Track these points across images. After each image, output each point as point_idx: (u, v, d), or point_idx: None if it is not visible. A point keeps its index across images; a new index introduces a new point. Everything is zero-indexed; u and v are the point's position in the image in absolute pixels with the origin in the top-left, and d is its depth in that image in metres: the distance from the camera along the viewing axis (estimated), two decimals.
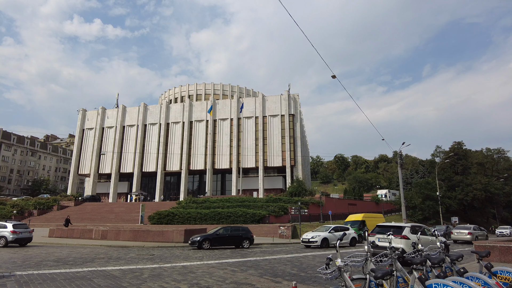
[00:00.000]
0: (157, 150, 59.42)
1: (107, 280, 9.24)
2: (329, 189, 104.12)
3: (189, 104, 60.86)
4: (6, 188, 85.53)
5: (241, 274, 10.21)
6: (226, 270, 11.14)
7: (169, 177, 61.66)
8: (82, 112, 65.31)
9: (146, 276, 9.88)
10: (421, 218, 54.64)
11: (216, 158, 56.84)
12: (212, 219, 33.69)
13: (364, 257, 5.22)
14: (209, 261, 13.62)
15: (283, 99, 56.57)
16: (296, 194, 44.28)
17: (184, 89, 73.61)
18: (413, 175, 75.83)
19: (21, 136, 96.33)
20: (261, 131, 55.92)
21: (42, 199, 50.72)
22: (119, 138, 61.73)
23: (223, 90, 71.86)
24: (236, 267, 11.90)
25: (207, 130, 58.54)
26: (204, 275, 10.06)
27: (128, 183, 62.12)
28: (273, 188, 55.11)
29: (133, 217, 39.29)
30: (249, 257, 15.15)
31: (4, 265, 12.24)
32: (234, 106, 58.44)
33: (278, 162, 54.05)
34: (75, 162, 63.60)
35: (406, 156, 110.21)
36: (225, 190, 58.50)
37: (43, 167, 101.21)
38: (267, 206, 36.11)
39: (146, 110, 62.43)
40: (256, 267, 12.00)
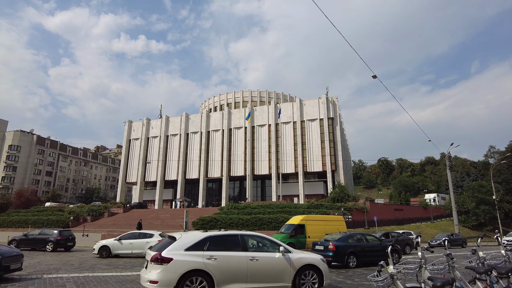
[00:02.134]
0: (199, 158, 61.16)
1: None
2: (373, 194, 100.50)
3: (228, 112, 62.10)
4: (64, 196, 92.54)
5: None
6: None
7: (210, 183, 63.10)
8: (128, 124, 69.10)
9: None
10: (475, 224, 50.94)
11: (255, 164, 57.28)
12: (254, 224, 33.88)
13: (418, 264, 4.97)
14: None
15: (321, 102, 55.85)
16: (339, 199, 43.24)
17: (223, 97, 75.31)
18: (464, 177, 71.06)
19: (75, 148, 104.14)
20: (300, 136, 55.52)
21: (94, 206, 54.07)
22: (163, 147, 64.40)
23: (260, 97, 72.50)
24: None
25: (245, 136, 59.29)
26: None
27: (172, 190, 64.44)
28: (314, 193, 54.29)
29: (178, 223, 40.55)
30: None
31: (63, 267, 13.21)
32: (271, 112, 58.70)
33: (318, 167, 53.26)
34: (123, 171, 67.27)
35: (455, 157, 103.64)
36: (265, 196, 58.66)
37: (95, 176, 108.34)
38: (308, 212, 35.57)
39: (187, 120, 64.63)
40: None
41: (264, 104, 66.27)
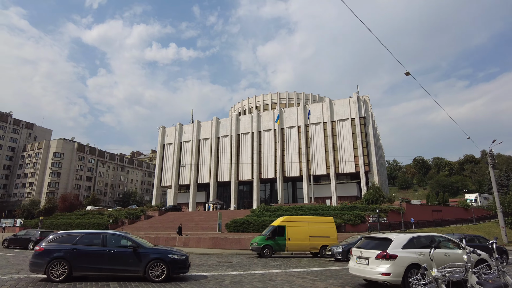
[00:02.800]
0: (230, 161, 61.97)
1: (193, 285, 9.95)
2: (409, 194, 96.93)
3: (257, 115, 62.47)
4: (103, 200, 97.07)
5: (321, 284, 10.14)
6: (305, 279, 11.15)
7: (242, 186, 63.66)
8: (162, 129, 71.40)
9: (227, 282, 10.38)
10: None
11: (286, 166, 57.11)
12: None
13: (464, 268, 4.78)
14: (287, 269, 13.76)
15: (352, 102, 54.73)
16: (373, 201, 42.08)
17: (251, 101, 75.86)
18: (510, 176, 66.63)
19: (112, 154, 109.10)
20: (331, 136, 54.71)
21: (131, 210, 56.28)
22: (195, 151, 65.91)
23: (289, 98, 72.25)
24: (315, 276, 11.84)
25: (275, 139, 59.31)
26: (283, 283, 10.22)
27: (205, 192, 65.71)
28: (347, 195, 53.22)
29: (211, 225, 41.30)
30: (328, 267, 14.89)
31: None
32: (300, 113, 58.34)
33: (350, 168, 52.18)
34: (157, 175, 69.55)
35: (498, 155, 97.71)
36: (296, 198, 58.30)
37: (131, 180, 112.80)
38: (342, 215, 35.00)
39: (218, 124, 65.75)
40: (336, 276, 11.78)
41: (293, 106, 65.97)
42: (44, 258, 10.06)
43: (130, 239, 11.02)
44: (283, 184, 57.23)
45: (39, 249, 10.33)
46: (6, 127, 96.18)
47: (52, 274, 9.94)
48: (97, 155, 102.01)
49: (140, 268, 10.37)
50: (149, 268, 10.35)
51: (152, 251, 10.74)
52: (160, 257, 10.49)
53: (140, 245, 10.79)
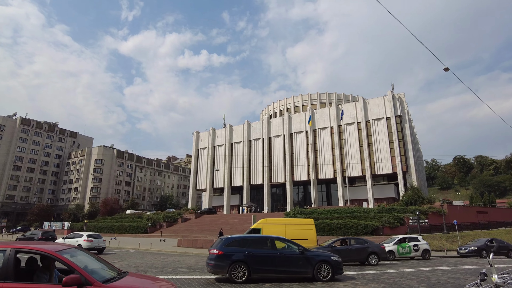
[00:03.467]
0: (262, 164, 62.25)
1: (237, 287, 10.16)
2: (450, 195, 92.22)
3: (288, 117, 62.31)
4: (141, 204, 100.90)
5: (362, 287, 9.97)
6: (346, 282, 11.02)
7: (274, 188, 63.70)
8: (196, 134, 73.18)
9: (267, 285, 10.49)
10: None
11: (319, 168, 56.43)
12: (322, 230, 33.34)
13: None
14: None
15: (387, 100, 53.12)
16: (412, 202, 40.52)
17: (282, 103, 75.81)
18: None
19: (149, 159, 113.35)
20: (365, 136, 53.39)
21: (169, 213, 58.04)
22: (228, 154, 66.89)
23: (320, 99, 71.42)
24: (355, 280, 11.66)
25: (307, 140, 58.82)
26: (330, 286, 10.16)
27: (239, 195, 66.43)
28: (384, 197, 51.63)
29: (246, 227, 41.57)
30: (368, 270, 14.59)
31: (149, 270, 14.48)
32: (333, 114, 57.46)
33: (387, 169, 50.61)
34: (192, 178, 71.27)
35: None
36: (331, 200, 57.39)
37: (168, 184, 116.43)
38: (379, 217, 34.02)
39: (249, 127, 66.33)
40: (377, 280, 11.53)
41: (324, 107, 65.13)
42: (225, 261, 10.91)
43: (294, 244, 11.95)
44: (316, 187, 56.56)
45: (218, 253, 11.08)
46: (53, 136, 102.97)
47: (234, 276, 10.75)
48: (135, 161, 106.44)
49: (309, 269, 11.21)
50: (317, 269, 11.20)
51: (318, 254, 11.65)
52: (325, 259, 11.38)
53: (305, 249, 11.70)
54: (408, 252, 21.15)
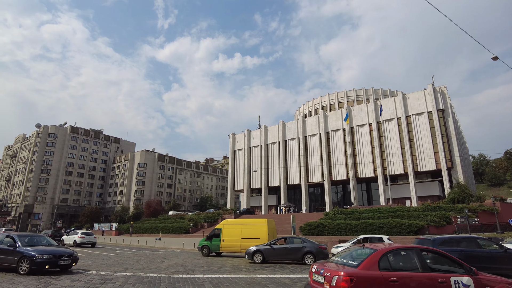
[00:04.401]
0: (298, 163, 61.98)
1: (281, 287, 10.34)
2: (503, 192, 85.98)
3: (324, 115, 61.50)
4: (182, 205, 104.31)
5: None
6: None
7: (312, 188, 63.15)
8: (232, 136, 74.44)
9: None
10: None
11: (358, 167, 55.17)
12: (364, 230, 32.74)
13: None
14: None
15: (428, 94, 50.80)
16: (459, 200, 38.46)
17: (317, 101, 74.95)
18: None
19: (189, 162, 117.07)
20: (406, 132, 51.43)
21: (209, 214, 59.57)
22: (264, 155, 67.33)
23: (357, 96, 69.72)
24: None
25: (344, 138, 57.72)
26: None
27: (276, 196, 66.64)
28: (428, 195, 49.38)
29: (285, 228, 41.77)
30: None
31: (196, 269, 15.08)
32: (371, 110, 55.92)
33: (430, 165, 48.40)
34: (230, 180, 72.57)
35: None
36: (371, 199, 55.88)
37: (207, 186, 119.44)
38: (424, 216, 32.70)
39: (284, 127, 66.32)
40: None
41: (361, 103, 63.50)
42: None
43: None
44: (356, 186, 55.33)
45: None
46: (99, 143, 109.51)
47: None
48: (175, 164, 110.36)
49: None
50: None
51: None
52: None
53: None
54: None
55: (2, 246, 12.44)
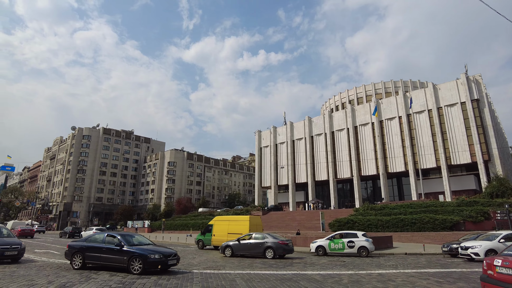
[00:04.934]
0: (326, 159, 61.28)
1: (312, 283, 10.40)
2: None
3: (351, 109, 60.36)
4: (211, 202, 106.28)
5: (449, 286, 9.57)
6: (429, 280, 10.67)
7: (340, 184, 62.29)
8: (258, 133, 74.75)
9: (345, 281, 10.58)
10: None
11: (388, 161, 53.81)
12: (395, 226, 32.02)
13: None
14: (405, 270, 13.28)
15: (460, 83, 48.59)
16: (498, 194, 36.65)
17: (343, 95, 73.67)
18: None
19: (216, 160, 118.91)
20: (438, 124, 49.49)
21: (237, 210, 60.29)
22: (290, 151, 67.11)
23: (385, 88, 67.86)
24: (440, 278, 11.20)
25: (373, 132, 56.41)
26: (405, 284, 10.00)
27: (303, 192, 66.31)
28: (462, 189, 47.38)
29: (314, 224, 41.64)
30: (453, 268, 13.83)
31: (227, 265, 15.42)
32: (400, 103, 54.28)
33: (465, 158, 46.38)
34: (257, 176, 72.97)
35: None
36: (403, 195, 54.37)
37: (234, 183, 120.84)
38: (459, 211, 31.45)
39: (310, 123, 65.72)
40: (465, 279, 10.93)
41: (390, 96, 61.74)
42: None
43: None
44: (386, 181, 54.00)
45: None
46: (130, 143, 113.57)
47: None
48: (203, 162, 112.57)
49: None
50: None
51: None
52: None
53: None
54: (342, 248, 20.71)
55: (109, 246, 12.52)
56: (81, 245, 13.02)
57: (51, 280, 10.23)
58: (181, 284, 9.88)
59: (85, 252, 12.68)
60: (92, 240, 13.14)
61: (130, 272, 11.55)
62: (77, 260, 12.73)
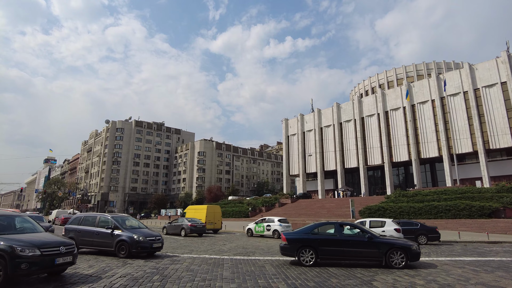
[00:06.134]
0: (355, 146, 60.22)
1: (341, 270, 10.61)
2: None
3: (381, 94, 58.59)
4: (240, 190, 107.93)
5: (487, 275, 9.37)
6: (465, 269, 10.48)
7: (371, 171, 61.13)
8: (285, 121, 74.50)
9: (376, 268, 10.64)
10: None
11: (421, 147, 52.05)
12: (428, 213, 31.22)
13: None
14: (438, 258, 13.09)
15: (501, 62, 45.66)
16: None
17: (373, 79, 71.53)
18: None
19: (244, 149, 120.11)
20: (475, 107, 47.02)
21: (266, 198, 60.92)
22: (318, 139, 66.48)
23: (417, 71, 65.11)
24: (476, 266, 10.97)
25: (405, 117, 54.59)
26: (438, 272, 9.91)
27: (333, 180, 65.74)
28: (503, 175, 44.97)
29: (344, 212, 41.38)
30: (490, 257, 13.46)
31: (256, 251, 15.80)
32: (433, 86, 51.99)
33: (505, 142, 43.92)
34: (285, 164, 73.08)
35: None
36: (436, 181, 52.58)
37: (262, 171, 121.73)
38: (499, 197, 30.06)
39: (339, 109, 64.57)
40: (505, 268, 10.64)
41: (422, 78, 59.18)
42: None
43: None
44: (419, 167, 52.38)
45: None
46: (161, 134, 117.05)
47: None
48: (232, 151, 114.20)
49: None
50: None
51: None
52: None
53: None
54: (262, 231, 25.56)
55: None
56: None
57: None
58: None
59: None
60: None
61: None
62: None
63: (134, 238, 12.19)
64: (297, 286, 7.79)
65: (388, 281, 8.51)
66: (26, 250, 7.11)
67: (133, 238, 12.19)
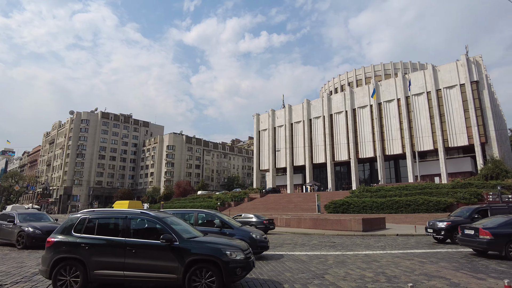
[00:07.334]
0: (324, 142, 61.30)
1: (297, 263, 10.56)
2: None
3: (350, 91, 59.90)
4: (210, 185, 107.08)
5: (431, 266, 9.71)
6: (413, 260, 10.80)
7: (338, 167, 62.53)
8: (256, 117, 74.46)
9: (331, 262, 10.72)
10: None
11: (386, 144, 53.81)
12: (390, 208, 32.28)
13: None
14: (392, 251, 13.44)
15: (460, 65, 47.98)
16: (493, 176, 36.74)
17: (343, 77, 72.96)
18: None
19: (215, 143, 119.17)
20: (436, 107, 49.19)
21: (235, 193, 60.76)
22: (288, 134, 67.06)
23: (385, 70, 67.11)
24: (424, 258, 11.34)
25: (372, 115, 56.17)
26: (389, 264, 10.12)
27: (301, 175, 66.67)
28: (459, 171, 47.61)
29: (310, 206, 42.00)
30: (439, 249, 14.01)
31: None
32: (399, 85, 53.80)
33: (462, 140, 46.34)
34: (256, 159, 73.22)
35: None
36: (399, 177, 54.66)
37: (233, 166, 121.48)
38: (454, 193, 31.61)
39: (309, 106, 65.36)
40: (448, 259, 11.08)
41: (390, 78, 61.10)
42: None
43: None
44: (384, 163, 54.19)
45: None
46: (129, 127, 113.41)
47: None
48: (202, 145, 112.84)
49: None
50: None
51: None
52: None
53: None
54: None
55: None
56: None
57: None
58: None
59: None
60: None
61: None
62: None
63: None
64: None
65: (340, 274, 8.54)
66: None
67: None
